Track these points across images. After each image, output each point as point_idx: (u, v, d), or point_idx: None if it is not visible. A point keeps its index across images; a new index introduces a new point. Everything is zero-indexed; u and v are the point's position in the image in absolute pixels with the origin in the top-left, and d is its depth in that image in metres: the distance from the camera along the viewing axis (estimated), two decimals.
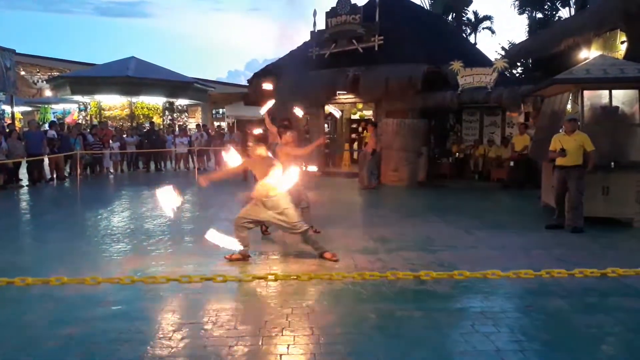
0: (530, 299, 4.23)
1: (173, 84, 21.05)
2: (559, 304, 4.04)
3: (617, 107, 7.29)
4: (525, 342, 3.32)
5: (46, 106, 26.08)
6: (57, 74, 25.07)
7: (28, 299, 4.05)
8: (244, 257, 5.21)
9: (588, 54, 11.84)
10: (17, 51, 19.48)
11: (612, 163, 7.01)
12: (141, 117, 21.53)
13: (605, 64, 7.54)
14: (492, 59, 14.83)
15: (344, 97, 13.65)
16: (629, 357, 3.21)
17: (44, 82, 26.43)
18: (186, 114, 24.48)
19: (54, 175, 13.06)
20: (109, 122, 19.64)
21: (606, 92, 7.32)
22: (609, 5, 10.82)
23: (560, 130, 7.05)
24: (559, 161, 6.80)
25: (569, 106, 7.80)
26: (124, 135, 16.91)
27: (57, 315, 3.75)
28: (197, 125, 20.82)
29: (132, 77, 19.69)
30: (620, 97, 7.29)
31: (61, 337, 3.36)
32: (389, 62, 12.10)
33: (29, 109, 26.03)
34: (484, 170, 12.73)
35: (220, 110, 31.69)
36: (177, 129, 20.87)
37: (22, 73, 26.37)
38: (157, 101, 21.74)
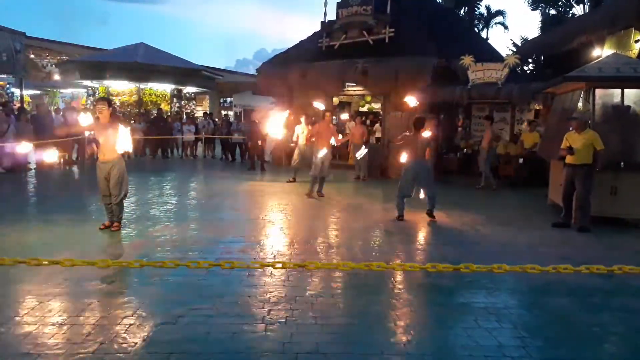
0: (534, 296, 4.23)
1: (181, 71, 20.99)
2: (563, 302, 4.04)
3: (629, 107, 7.23)
4: (527, 338, 3.32)
5: (55, 90, 26.14)
6: (67, 58, 25.07)
7: (39, 280, 4.10)
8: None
9: (601, 52, 11.68)
10: (27, 34, 19.49)
11: (622, 163, 6.96)
12: (149, 103, 21.54)
13: (619, 63, 7.47)
14: (504, 55, 14.71)
15: (353, 89, 13.60)
16: (631, 356, 3.22)
17: (53, 66, 26.43)
18: (194, 102, 24.46)
19: (62, 160, 13.13)
20: (117, 108, 19.68)
21: (618, 91, 7.25)
22: (624, 2, 10.66)
23: (571, 128, 7.01)
24: (568, 159, 6.76)
25: (580, 104, 7.73)
26: (132, 122, 16.96)
27: (65, 297, 3.80)
28: (204, 114, 20.88)
29: (140, 62, 19.65)
30: (632, 96, 7.23)
31: (69, 319, 3.41)
32: (399, 54, 12.02)
33: (38, 92, 26.11)
34: (492, 167, 12.64)
35: (228, 99, 31.67)
36: (184, 116, 20.93)
37: (32, 56, 26.38)
38: (165, 88, 21.74)
